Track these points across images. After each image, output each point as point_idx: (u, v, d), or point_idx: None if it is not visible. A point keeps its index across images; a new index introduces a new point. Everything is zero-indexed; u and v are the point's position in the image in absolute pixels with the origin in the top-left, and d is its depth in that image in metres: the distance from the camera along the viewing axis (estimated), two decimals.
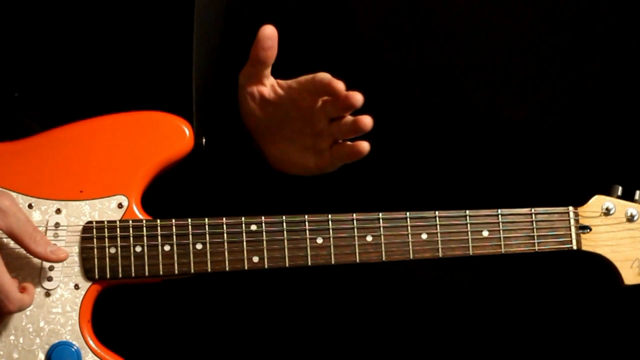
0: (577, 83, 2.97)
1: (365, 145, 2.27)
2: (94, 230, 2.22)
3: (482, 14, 2.95)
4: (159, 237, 2.23)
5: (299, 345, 2.92)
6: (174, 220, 2.24)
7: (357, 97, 2.25)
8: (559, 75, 2.97)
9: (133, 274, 2.22)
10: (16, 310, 2.13)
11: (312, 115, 2.31)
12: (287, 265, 2.26)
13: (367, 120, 2.26)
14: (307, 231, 2.26)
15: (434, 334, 2.97)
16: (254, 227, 2.25)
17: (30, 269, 2.19)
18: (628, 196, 2.38)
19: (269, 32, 2.26)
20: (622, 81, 2.96)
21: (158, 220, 2.24)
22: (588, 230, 2.36)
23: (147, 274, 2.22)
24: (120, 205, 2.24)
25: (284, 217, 2.26)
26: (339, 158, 2.31)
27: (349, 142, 2.30)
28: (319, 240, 2.27)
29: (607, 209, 2.37)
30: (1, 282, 2.10)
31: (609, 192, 2.38)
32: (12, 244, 2.17)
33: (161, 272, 2.23)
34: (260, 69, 2.30)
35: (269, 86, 2.33)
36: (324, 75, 2.27)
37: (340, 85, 2.25)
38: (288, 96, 2.31)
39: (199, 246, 2.24)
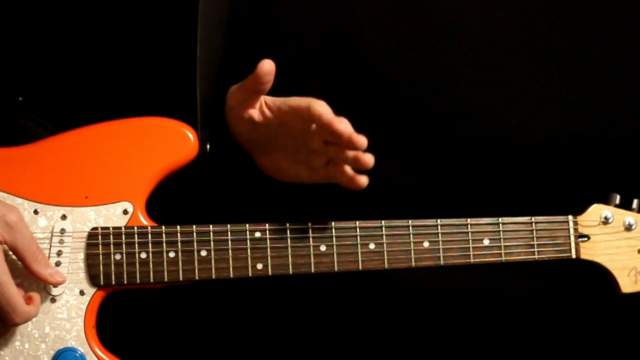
0: (576, 90, 2.98)
1: (364, 181, 2.22)
2: (99, 236, 2.22)
3: (483, 18, 2.95)
4: (164, 244, 2.24)
5: (302, 351, 2.94)
6: (178, 227, 2.25)
7: (362, 141, 2.16)
8: (559, 81, 2.98)
9: (138, 280, 2.23)
10: (22, 322, 2.14)
11: (305, 136, 2.24)
12: (290, 272, 2.27)
13: (368, 159, 2.18)
14: (311, 239, 2.27)
15: (434, 341, 3.00)
16: (258, 234, 2.26)
17: None
18: (626, 205, 2.40)
19: (267, 68, 2.18)
20: (620, 90, 2.97)
21: (163, 227, 2.24)
22: (586, 239, 2.37)
23: (152, 280, 2.23)
24: (125, 212, 2.24)
25: (287, 225, 2.27)
26: (334, 179, 2.25)
27: (348, 172, 2.22)
28: (323, 248, 2.28)
29: (606, 218, 2.38)
30: (8, 295, 2.10)
31: (606, 201, 2.40)
32: None
33: (166, 279, 2.23)
34: (254, 98, 2.25)
35: (258, 108, 2.27)
36: (323, 111, 2.18)
37: (342, 127, 2.16)
38: (277, 118, 2.26)
39: (203, 253, 2.25)
